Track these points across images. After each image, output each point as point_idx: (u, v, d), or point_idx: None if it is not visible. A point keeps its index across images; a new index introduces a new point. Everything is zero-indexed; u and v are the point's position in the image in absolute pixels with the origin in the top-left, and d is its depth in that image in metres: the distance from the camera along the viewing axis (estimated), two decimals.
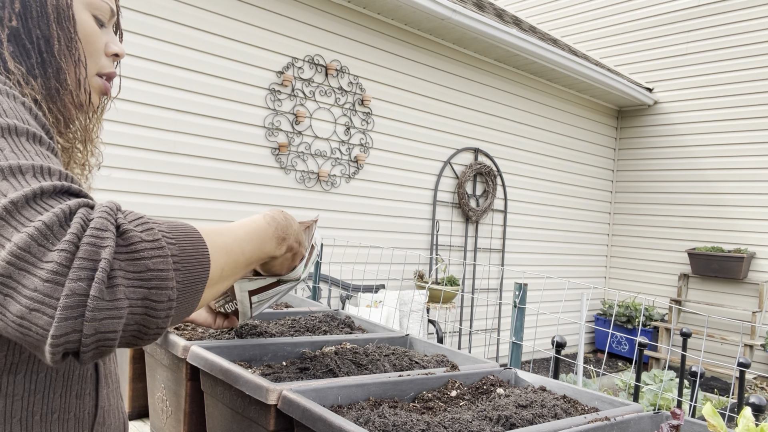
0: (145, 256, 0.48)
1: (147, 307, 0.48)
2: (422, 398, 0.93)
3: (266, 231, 0.72)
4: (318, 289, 2.50)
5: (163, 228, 0.52)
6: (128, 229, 0.48)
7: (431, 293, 4.71)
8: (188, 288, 0.52)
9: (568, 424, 0.79)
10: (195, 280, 0.53)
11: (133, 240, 0.48)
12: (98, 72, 0.75)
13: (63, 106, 0.70)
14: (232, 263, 0.62)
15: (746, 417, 0.67)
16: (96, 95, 0.76)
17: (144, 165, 3.59)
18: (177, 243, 0.52)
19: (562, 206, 6.57)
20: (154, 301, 0.48)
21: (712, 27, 6.43)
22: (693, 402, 2.08)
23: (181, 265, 0.51)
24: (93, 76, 0.74)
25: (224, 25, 3.88)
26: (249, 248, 0.66)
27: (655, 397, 4.32)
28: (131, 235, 0.48)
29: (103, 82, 0.76)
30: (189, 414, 1.04)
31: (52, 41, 0.68)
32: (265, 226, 0.72)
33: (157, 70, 3.60)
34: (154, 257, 0.48)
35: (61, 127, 0.70)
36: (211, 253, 0.56)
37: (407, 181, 5.04)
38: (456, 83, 5.37)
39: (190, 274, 0.52)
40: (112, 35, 0.77)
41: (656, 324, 6.38)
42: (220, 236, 0.61)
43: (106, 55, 0.76)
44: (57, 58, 0.68)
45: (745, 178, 6.20)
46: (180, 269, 0.51)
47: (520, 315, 1.70)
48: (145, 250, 0.48)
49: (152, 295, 0.48)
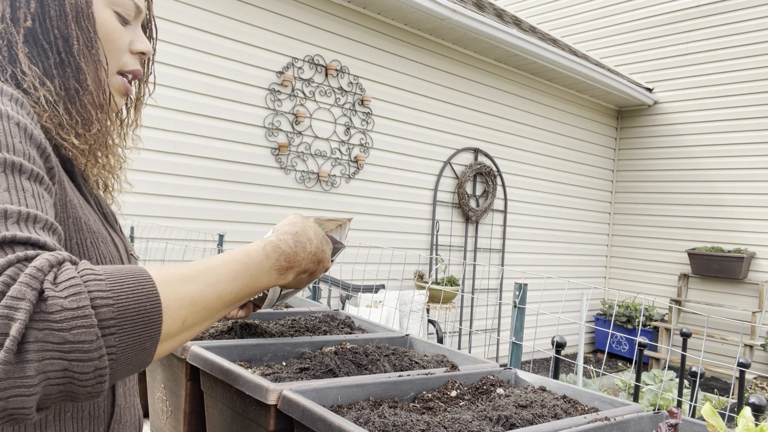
0: (64, 327, 0.45)
1: (69, 378, 0.46)
2: (422, 398, 0.93)
3: (261, 265, 0.66)
4: (318, 289, 2.50)
5: (99, 288, 0.48)
6: (50, 296, 0.45)
7: (431, 293, 4.71)
8: (129, 352, 0.49)
9: (568, 424, 0.79)
10: (139, 341, 0.50)
11: (52, 309, 0.45)
12: (120, 70, 0.74)
13: (82, 106, 0.69)
14: (201, 311, 0.57)
15: (746, 417, 0.67)
16: (118, 96, 0.75)
17: (144, 165, 3.59)
18: (114, 304, 0.48)
19: (562, 206, 6.57)
20: (76, 372, 0.45)
21: (712, 27, 6.43)
22: (693, 402, 2.08)
23: (118, 329, 0.48)
24: (113, 75, 0.73)
25: (224, 25, 3.88)
26: (230, 289, 0.61)
27: (655, 397, 4.32)
28: (51, 303, 0.45)
29: (122, 81, 0.75)
30: (189, 414, 1.04)
31: (71, 41, 0.66)
32: (262, 259, 0.67)
33: (158, 70, 3.60)
34: (74, 328, 0.45)
35: (79, 128, 0.69)
36: (166, 307, 0.52)
37: (407, 181, 5.04)
38: (456, 83, 5.38)
39: (130, 336, 0.49)
40: (140, 33, 0.76)
41: (656, 324, 6.38)
42: (185, 284, 0.56)
43: (132, 52, 0.75)
44: (76, 58, 0.67)
45: (745, 178, 6.20)
46: (115, 332, 0.47)
47: (520, 315, 1.70)
48: (64, 320, 0.45)
49: (73, 366, 0.45)
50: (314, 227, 0.78)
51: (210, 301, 0.59)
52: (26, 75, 0.65)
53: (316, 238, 0.77)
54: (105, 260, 0.69)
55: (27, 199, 0.52)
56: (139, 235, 3.54)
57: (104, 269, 0.50)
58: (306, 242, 0.74)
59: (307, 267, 0.75)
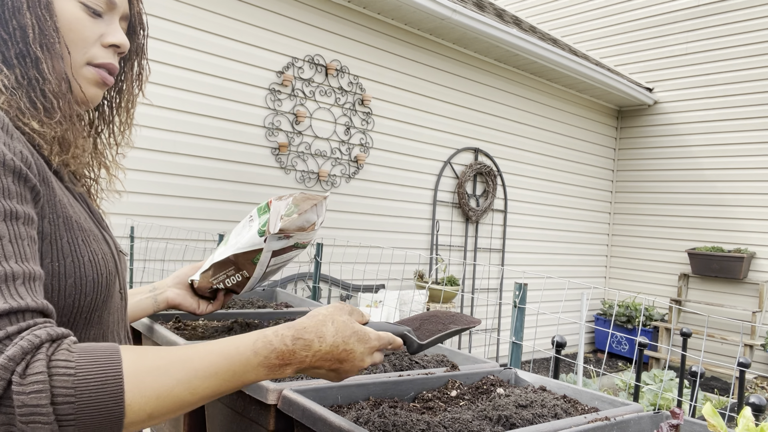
0: (23, 420, 0.48)
1: None
2: (422, 398, 0.93)
3: (248, 362, 0.62)
4: (318, 289, 2.50)
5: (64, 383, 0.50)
6: (15, 390, 0.48)
7: (431, 293, 4.71)
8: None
9: (568, 424, 0.79)
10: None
11: (15, 403, 0.48)
12: (89, 61, 0.73)
13: (43, 95, 0.68)
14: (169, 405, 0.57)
15: (746, 417, 0.67)
16: (90, 86, 0.74)
17: (144, 165, 3.59)
18: (76, 400, 0.50)
19: (562, 206, 6.57)
20: None
21: (712, 27, 6.43)
22: (693, 402, 2.08)
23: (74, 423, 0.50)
24: (82, 67, 0.72)
25: (224, 25, 3.88)
26: (207, 385, 0.59)
27: (655, 397, 4.32)
28: (15, 397, 0.48)
29: (97, 72, 0.74)
30: (189, 414, 1.03)
31: (27, 30, 0.66)
32: (249, 356, 0.63)
33: (158, 70, 3.60)
34: (31, 422, 0.48)
35: (42, 116, 0.68)
36: (129, 404, 0.53)
37: (407, 181, 5.04)
38: (456, 83, 5.37)
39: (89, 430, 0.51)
40: (114, 27, 0.75)
41: (656, 324, 6.38)
42: (156, 378, 0.56)
43: (103, 45, 0.74)
44: (32, 47, 0.67)
45: (745, 178, 6.20)
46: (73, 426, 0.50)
47: (520, 315, 1.70)
48: (23, 415, 0.48)
49: None
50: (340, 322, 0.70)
51: (181, 396, 0.57)
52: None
53: (335, 336, 0.68)
54: (97, 257, 0.69)
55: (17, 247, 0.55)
56: (139, 235, 3.54)
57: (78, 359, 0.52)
58: (313, 341, 0.67)
59: (318, 364, 0.68)
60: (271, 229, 1.02)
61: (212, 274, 1.10)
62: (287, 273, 4.18)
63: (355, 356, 0.70)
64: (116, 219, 3.49)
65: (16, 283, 0.53)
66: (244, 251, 1.05)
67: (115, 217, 3.49)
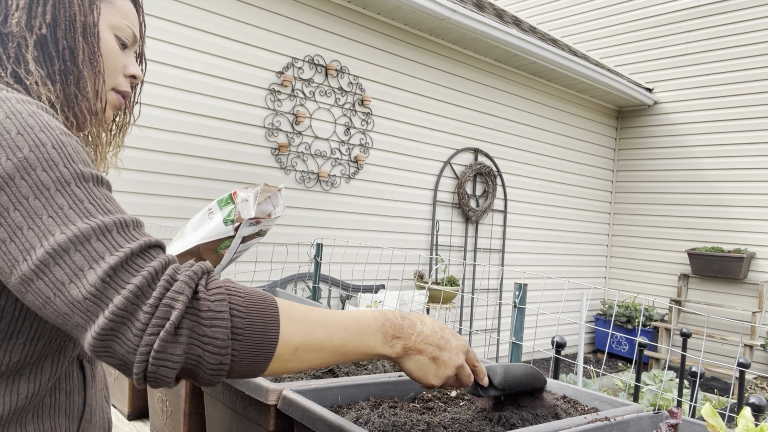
0: (206, 324, 0.56)
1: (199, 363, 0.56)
2: (422, 398, 0.93)
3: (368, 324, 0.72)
4: (318, 290, 2.50)
5: (238, 301, 0.59)
6: (202, 297, 0.57)
7: (431, 293, 4.71)
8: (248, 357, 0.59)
9: (568, 424, 0.79)
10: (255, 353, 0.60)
11: (201, 307, 0.56)
12: (114, 87, 0.82)
13: (79, 111, 0.75)
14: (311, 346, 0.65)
15: (746, 417, 0.67)
16: (110, 109, 0.83)
17: (144, 165, 3.59)
18: (246, 317, 0.59)
19: (562, 206, 6.57)
20: (206, 361, 0.56)
21: (712, 27, 6.43)
22: (693, 402, 2.08)
23: (242, 337, 0.58)
24: (109, 91, 0.81)
25: (224, 25, 3.88)
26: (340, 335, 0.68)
27: (655, 397, 4.32)
28: (202, 303, 0.57)
29: (117, 97, 0.83)
30: (189, 414, 1.04)
31: (77, 52, 0.74)
32: (369, 320, 0.72)
33: (157, 70, 3.60)
34: (214, 326, 0.56)
35: (73, 130, 0.75)
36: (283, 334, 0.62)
37: (407, 181, 5.04)
38: (456, 83, 5.37)
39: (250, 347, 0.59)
40: (132, 59, 0.84)
41: (656, 324, 6.38)
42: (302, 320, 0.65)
43: (125, 75, 0.83)
44: (80, 68, 0.75)
45: (745, 178, 6.20)
46: (240, 340, 0.58)
47: (520, 315, 1.70)
48: (208, 318, 0.56)
49: (205, 356, 0.56)
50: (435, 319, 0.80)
51: (321, 340, 0.66)
52: (30, 73, 0.71)
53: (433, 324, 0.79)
54: None
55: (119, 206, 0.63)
56: None
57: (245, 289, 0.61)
58: (416, 322, 0.77)
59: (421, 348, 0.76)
60: (245, 215, 1.08)
61: None
62: (287, 273, 4.18)
63: (451, 346, 0.78)
64: None
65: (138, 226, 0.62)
66: (209, 240, 1.09)
67: None
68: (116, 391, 1.30)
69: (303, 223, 4.34)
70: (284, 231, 4.17)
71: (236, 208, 1.09)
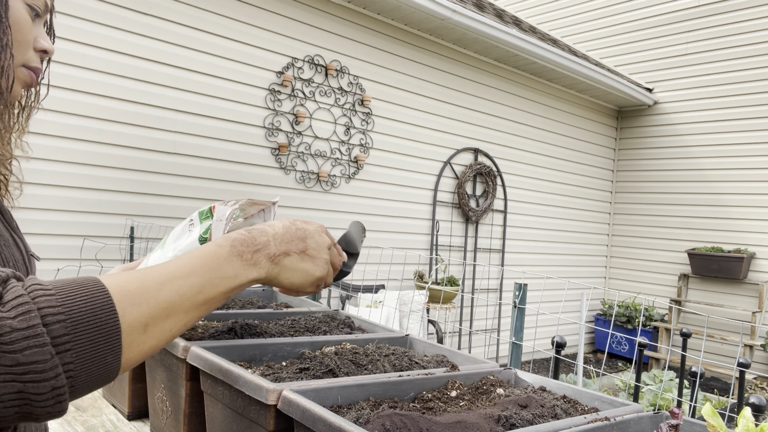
0: (15, 349, 0.43)
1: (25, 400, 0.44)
2: (422, 398, 0.93)
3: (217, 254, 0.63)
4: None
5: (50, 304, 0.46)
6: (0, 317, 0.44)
7: (431, 293, 4.71)
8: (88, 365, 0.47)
9: (568, 424, 0.79)
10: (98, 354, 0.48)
11: (2, 331, 0.43)
12: (25, 63, 0.71)
13: None
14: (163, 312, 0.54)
15: (746, 417, 0.67)
16: (19, 85, 0.72)
17: (144, 165, 3.59)
18: (66, 317, 0.46)
19: (562, 206, 6.57)
20: (32, 394, 0.44)
21: (712, 27, 6.43)
22: (693, 402, 2.08)
23: (73, 344, 0.46)
24: (18, 67, 0.71)
25: (224, 25, 3.88)
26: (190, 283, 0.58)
27: (655, 397, 4.32)
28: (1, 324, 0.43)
29: (29, 74, 0.72)
30: (189, 414, 1.04)
31: None
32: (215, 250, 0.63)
33: (157, 70, 3.60)
34: (26, 348, 0.43)
35: None
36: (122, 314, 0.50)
37: (407, 181, 5.04)
38: (456, 83, 5.38)
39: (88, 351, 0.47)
40: (43, 31, 0.74)
41: (656, 324, 6.38)
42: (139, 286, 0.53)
43: (35, 49, 0.72)
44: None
45: (745, 178, 6.20)
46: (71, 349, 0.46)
47: (520, 315, 1.70)
48: (15, 342, 0.43)
49: (28, 388, 0.44)
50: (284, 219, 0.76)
51: (171, 300, 0.55)
52: None
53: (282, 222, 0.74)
54: (8, 264, 0.65)
55: None
56: (139, 235, 3.54)
57: (53, 283, 0.48)
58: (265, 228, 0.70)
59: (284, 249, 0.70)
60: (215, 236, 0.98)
61: None
62: None
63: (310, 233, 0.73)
64: (116, 219, 3.49)
65: None
66: None
67: (115, 217, 3.49)
68: (116, 391, 1.30)
69: None
70: None
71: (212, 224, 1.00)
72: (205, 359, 0.93)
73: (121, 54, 3.46)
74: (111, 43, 3.41)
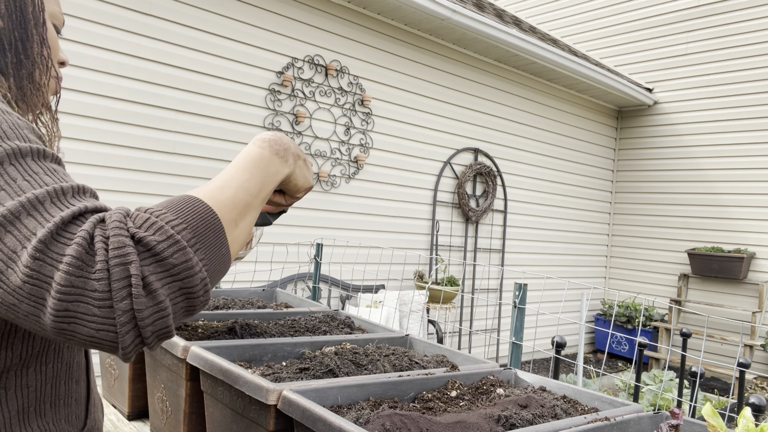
0: (166, 256, 0.53)
1: (186, 294, 0.54)
2: (422, 398, 0.93)
3: (262, 155, 0.73)
4: (318, 290, 2.50)
5: (170, 219, 0.56)
6: (142, 237, 0.52)
7: (431, 293, 4.71)
8: (213, 258, 0.58)
9: (568, 424, 0.79)
10: (216, 249, 0.59)
11: (150, 246, 0.52)
12: (54, 75, 0.80)
13: (33, 104, 0.74)
14: (243, 208, 0.66)
15: (746, 417, 0.67)
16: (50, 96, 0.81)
17: (144, 165, 3.59)
18: (188, 227, 0.56)
19: (562, 206, 6.57)
20: (189, 287, 0.54)
21: (712, 27, 6.43)
22: (693, 402, 2.08)
23: (199, 243, 0.56)
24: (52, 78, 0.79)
25: (224, 25, 3.88)
26: (255, 184, 0.69)
27: (655, 397, 4.32)
28: (147, 241, 0.52)
29: (56, 83, 0.81)
30: (189, 414, 1.04)
31: (30, 44, 0.72)
32: (260, 151, 0.73)
33: (157, 70, 3.60)
34: (174, 253, 0.53)
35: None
36: (221, 215, 0.61)
37: (407, 181, 5.04)
38: (456, 83, 5.38)
39: (210, 247, 0.58)
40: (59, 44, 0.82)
41: (656, 324, 6.38)
42: (223, 193, 0.64)
43: (58, 62, 0.81)
44: (32, 60, 0.73)
45: (745, 178, 6.20)
46: (200, 248, 0.56)
47: (520, 315, 1.70)
48: (164, 251, 0.53)
49: (186, 284, 0.54)
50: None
51: (246, 199, 0.67)
52: None
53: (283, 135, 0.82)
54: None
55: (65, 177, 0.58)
56: None
57: (158, 206, 0.58)
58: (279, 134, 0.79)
59: (298, 152, 0.79)
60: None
61: None
62: (287, 273, 4.18)
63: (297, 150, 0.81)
64: None
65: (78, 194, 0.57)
66: None
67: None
68: (116, 392, 1.30)
69: (303, 223, 4.34)
70: (284, 231, 4.17)
71: None
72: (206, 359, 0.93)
73: (121, 54, 3.46)
74: (111, 43, 3.41)
